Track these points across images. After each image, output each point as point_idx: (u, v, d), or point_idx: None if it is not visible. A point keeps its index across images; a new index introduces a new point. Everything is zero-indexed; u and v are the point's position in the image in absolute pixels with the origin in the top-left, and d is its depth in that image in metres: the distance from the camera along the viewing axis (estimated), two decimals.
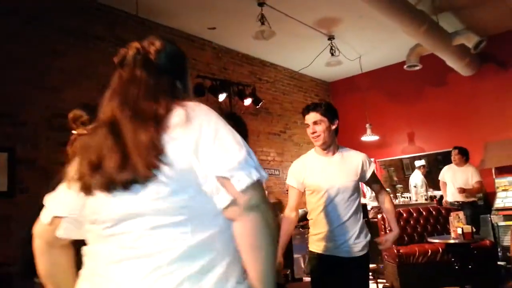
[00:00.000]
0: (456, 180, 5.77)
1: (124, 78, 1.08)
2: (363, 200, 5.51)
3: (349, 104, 8.20)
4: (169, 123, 0.98)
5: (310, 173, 2.45)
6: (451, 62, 6.33)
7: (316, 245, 2.40)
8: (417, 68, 6.40)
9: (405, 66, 6.41)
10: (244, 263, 0.97)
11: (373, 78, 7.81)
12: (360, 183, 2.49)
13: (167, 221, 0.94)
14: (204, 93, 5.57)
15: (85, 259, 1.06)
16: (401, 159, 7.71)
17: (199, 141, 0.96)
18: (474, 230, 4.28)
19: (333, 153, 2.52)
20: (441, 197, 6.32)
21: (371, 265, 3.08)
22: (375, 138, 7.07)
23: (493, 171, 6.32)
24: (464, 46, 5.88)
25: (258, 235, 0.95)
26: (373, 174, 2.51)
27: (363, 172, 2.46)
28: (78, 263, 1.11)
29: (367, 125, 7.02)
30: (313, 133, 2.46)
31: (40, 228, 1.16)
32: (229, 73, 6.43)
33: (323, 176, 2.40)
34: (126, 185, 0.95)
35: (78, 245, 1.14)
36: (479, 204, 5.87)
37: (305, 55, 6.84)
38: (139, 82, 1.06)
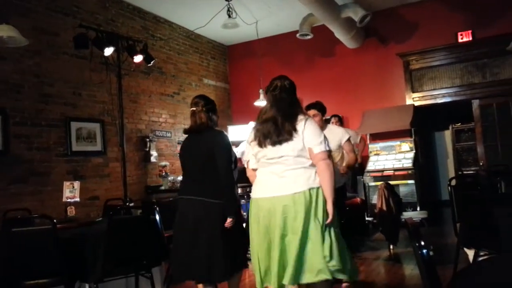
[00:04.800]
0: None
1: (277, 98, 2.51)
2: None
3: (245, 68, 8.27)
4: (297, 120, 2.42)
5: None
6: (339, 34, 6.68)
7: None
8: (309, 37, 6.65)
9: (297, 35, 6.60)
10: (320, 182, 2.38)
11: (269, 45, 7.93)
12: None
13: (298, 156, 2.38)
14: (87, 45, 5.09)
15: (258, 174, 2.53)
16: None
17: (305, 130, 2.38)
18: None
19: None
20: None
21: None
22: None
23: (367, 136, 6.96)
24: (351, 20, 6.23)
25: (325, 170, 2.37)
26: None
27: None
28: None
29: (260, 90, 7.14)
30: None
31: (249, 170, 2.67)
32: (117, 26, 5.97)
33: None
34: (279, 143, 2.39)
35: None
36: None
37: (202, 15, 6.63)
38: (284, 99, 2.50)
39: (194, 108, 2.98)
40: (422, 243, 1.42)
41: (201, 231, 2.76)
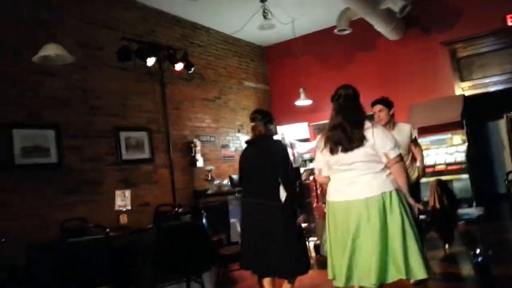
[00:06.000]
0: None
1: (342, 105, 2.62)
2: (295, 165, 5.62)
3: (284, 68, 8.23)
4: (364, 127, 2.54)
5: None
6: (379, 26, 6.48)
7: None
8: (347, 32, 6.50)
9: (335, 30, 6.48)
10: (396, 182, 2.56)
11: (306, 43, 7.84)
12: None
13: (369, 162, 2.51)
14: (130, 57, 5.26)
15: (332, 180, 2.65)
16: None
17: (375, 137, 2.51)
18: None
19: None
20: None
21: (303, 225, 3.48)
22: (308, 102, 7.17)
23: (416, 131, 6.67)
24: (391, 11, 6.02)
25: (400, 172, 2.57)
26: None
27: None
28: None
29: (301, 90, 7.08)
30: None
31: (321, 177, 2.79)
32: (157, 36, 6.11)
33: None
34: (351, 149, 2.51)
35: None
36: None
37: (238, 18, 6.66)
38: (350, 107, 2.61)
39: (252, 124, 3.36)
40: (478, 251, 1.34)
41: (265, 230, 3.06)
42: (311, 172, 5.47)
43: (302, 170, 5.59)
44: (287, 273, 3.10)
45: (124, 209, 4.11)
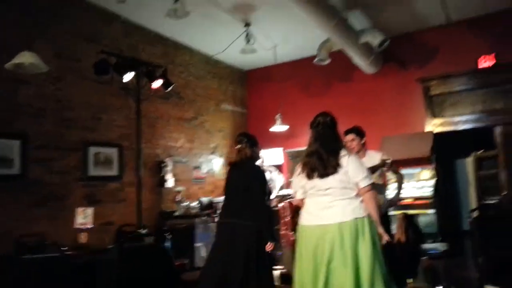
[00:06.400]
0: None
1: (320, 133, 2.80)
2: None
3: (263, 93, 8.31)
4: (339, 154, 2.71)
5: None
6: (358, 59, 6.66)
7: None
8: (326, 62, 6.64)
9: (315, 60, 6.61)
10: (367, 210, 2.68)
11: (287, 70, 7.96)
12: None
13: (344, 188, 2.63)
14: (108, 71, 5.20)
15: (307, 204, 2.75)
16: None
17: (349, 165, 2.68)
18: None
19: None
20: None
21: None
22: (285, 128, 7.23)
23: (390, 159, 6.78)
24: (370, 45, 6.21)
25: (371, 200, 2.69)
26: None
27: None
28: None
29: (277, 116, 7.14)
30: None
31: (296, 200, 2.88)
32: (139, 52, 6.10)
33: None
34: (326, 175, 2.67)
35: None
36: None
37: (221, 41, 6.73)
38: (328, 134, 2.78)
39: (239, 146, 3.47)
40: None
41: (237, 250, 3.12)
42: (282, 198, 5.48)
43: (272, 196, 5.58)
44: None
45: (85, 228, 3.97)
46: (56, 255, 2.80)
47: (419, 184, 6.30)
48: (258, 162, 3.63)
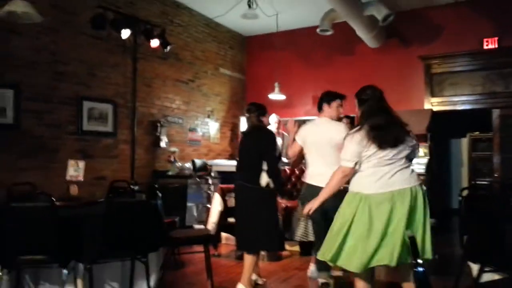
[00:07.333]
0: None
1: (385, 106, 2.91)
2: None
3: (262, 61, 8.19)
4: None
5: None
6: (361, 32, 6.53)
7: None
8: (329, 33, 6.51)
9: (317, 30, 6.48)
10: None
11: (288, 38, 7.81)
12: None
13: (406, 157, 2.74)
14: (105, 27, 5.09)
15: (371, 173, 2.71)
16: (304, 120, 7.93)
17: (413, 137, 2.88)
18: None
19: None
20: None
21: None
22: (282, 97, 7.17)
23: None
24: (374, 18, 6.07)
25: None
26: None
27: None
28: None
29: (276, 84, 7.07)
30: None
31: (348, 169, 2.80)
32: (137, 9, 5.93)
33: None
34: (400, 143, 2.71)
35: None
36: None
37: (223, 3, 6.57)
38: (390, 108, 2.91)
39: (247, 115, 3.77)
40: (420, 261, 1.35)
41: (252, 210, 3.54)
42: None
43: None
44: (260, 246, 3.59)
45: (76, 180, 3.97)
46: (45, 204, 2.79)
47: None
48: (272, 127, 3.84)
